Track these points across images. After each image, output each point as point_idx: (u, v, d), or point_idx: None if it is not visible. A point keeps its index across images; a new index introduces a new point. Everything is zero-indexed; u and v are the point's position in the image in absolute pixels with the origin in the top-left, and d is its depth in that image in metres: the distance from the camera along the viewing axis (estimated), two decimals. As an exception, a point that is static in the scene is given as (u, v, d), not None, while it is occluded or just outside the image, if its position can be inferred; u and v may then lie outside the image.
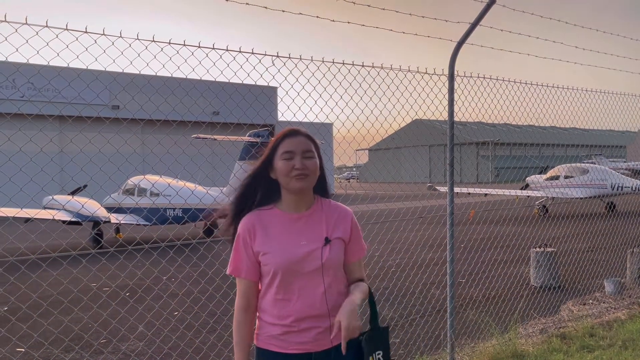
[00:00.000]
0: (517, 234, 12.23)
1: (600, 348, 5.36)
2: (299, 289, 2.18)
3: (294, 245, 2.18)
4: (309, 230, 2.23)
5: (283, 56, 4.28)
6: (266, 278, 2.21)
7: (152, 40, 3.65)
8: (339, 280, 2.27)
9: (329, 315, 2.19)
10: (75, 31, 3.37)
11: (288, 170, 2.16)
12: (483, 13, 4.77)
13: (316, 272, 2.18)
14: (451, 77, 5.03)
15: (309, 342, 2.19)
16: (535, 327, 6.24)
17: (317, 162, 2.21)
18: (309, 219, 2.25)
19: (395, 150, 59.78)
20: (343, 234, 2.28)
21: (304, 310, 2.17)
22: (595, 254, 10.53)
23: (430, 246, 11.23)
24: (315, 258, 2.18)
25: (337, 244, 2.24)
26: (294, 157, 2.16)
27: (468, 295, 7.89)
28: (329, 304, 2.19)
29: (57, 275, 5.56)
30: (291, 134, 2.21)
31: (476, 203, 19.26)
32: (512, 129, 42.31)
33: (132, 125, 26.65)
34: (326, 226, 2.25)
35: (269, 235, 2.20)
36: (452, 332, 4.95)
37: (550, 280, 8.43)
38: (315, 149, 2.24)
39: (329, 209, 2.31)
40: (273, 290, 2.19)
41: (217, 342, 5.46)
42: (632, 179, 20.65)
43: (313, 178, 2.21)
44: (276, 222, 2.23)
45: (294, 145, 2.18)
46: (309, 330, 2.18)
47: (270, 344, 2.22)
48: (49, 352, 5.74)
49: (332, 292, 2.21)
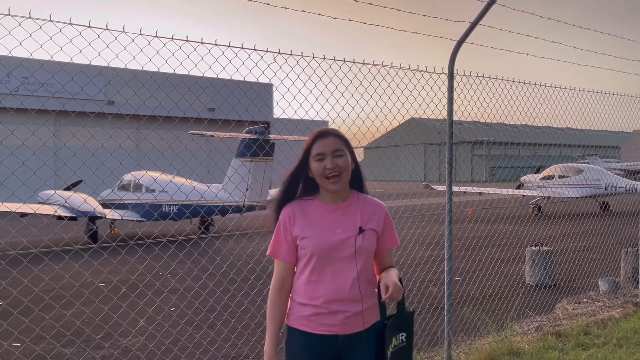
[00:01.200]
0: (512, 232, 12.30)
1: (595, 346, 5.42)
2: (332, 273, 2.36)
3: (330, 233, 2.38)
4: (344, 220, 2.42)
5: (285, 53, 4.30)
6: (302, 261, 2.41)
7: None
8: (369, 269, 2.46)
9: (360, 300, 2.38)
10: (79, 25, 3.37)
11: (321, 171, 2.36)
12: (483, 12, 4.80)
13: (349, 258, 2.37)
14: (451, 75, 5.05)
15: (337, 324, 2.36)
16: (530, 325, 6.29)
17: (348, 160, 2.40)
18: (345, 210, 2.45)
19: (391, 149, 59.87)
20: (376, 226, 2.47)
21: (335, 293, 2.35)
22: (589, 253, 10.62)
23: (427, 244, 11.28)
24: (349, 245, 2.37)
25: (370, 234, 2.43)
26: (326, 158, 2.36)
27: (465, 293, 7.95)
28: (361, 288, 2.37)
29: (59, 270, 5.54)
30: (321, 136, 2.41)
31: (473, 202, 19.36)
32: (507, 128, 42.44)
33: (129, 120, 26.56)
34: (361, 217, 2.44)
35: (308, 223, 2.40)
36: (449, 329, 4.99)
37: (546, 279, 8.50)
38: (346, 147, 2.42)
39: (365, 202, 2.51)
40: (307, 272, 2.39)
41: (217, 338, 5.48)
42: (625, 179, 20.78)
43: (346, 175, 2.40)
44: (315, 211, 2.44)
45: (324, 147, 2.37)
46: (338, 314, 2.35)
47: (300, 324, 2.39)
48: (51, 346, 5.74)
49: (362, 279, 2.40)
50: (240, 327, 5.42)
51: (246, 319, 5.85)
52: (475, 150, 58.83)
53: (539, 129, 54.55)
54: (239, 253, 8.71)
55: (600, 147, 24.09)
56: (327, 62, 4.50)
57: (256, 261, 6.45)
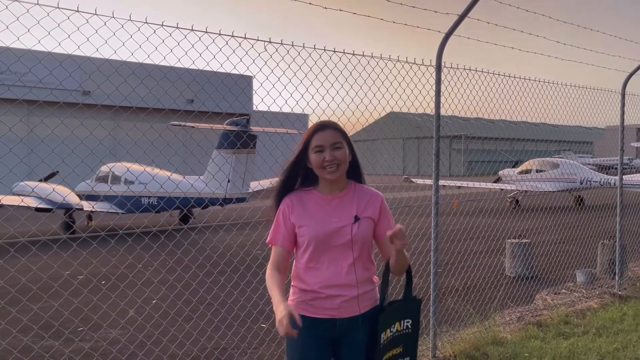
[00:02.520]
0: (491, 225, 12.48)
1: (575, 335, 5.54)
2: (329, 260, 2.47)
3: (326, 221, 2.48)
4: (341, 209, 2.52)
5: (270, 42, 4.23)
6: (301, 248, 2.52)
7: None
8: (365, 256, 2.55)
9: (356, 285, 2.47)
10: (47, 6, 3.18)
11: (320, 163, 2.45)
12: (471, 5, 4.82)
13: (345, 245, 2.47)
14: (438, 68, 5.07)
15: (334, 308, 2.47)
16: (512, 316, 6.40)
17: (346, 152, 2.49)
18: (341, 199, 2.54)
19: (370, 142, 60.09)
20: (372, 214, 2.56)
21: (332, 278, 2.46)
22: (566, 245, 10.83)
23: (415, 236, 11.35)
24: (345, 233, 2.46)
25: (366, 222, 2.52)
26: (324, 150, 2.44)
27: (449, 285, 8.03)
28: (357, 274, 2.47)
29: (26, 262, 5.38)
30: (320, 129, 2.48)
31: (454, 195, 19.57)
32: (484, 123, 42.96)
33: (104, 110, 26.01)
34: (357, 206, 2.53)
35: (306, 212, 2.51)
36: (434, 320, 5.04)
37: (525, 270, 8.64)
38: (344, 139, 2.50)
39: (362, 192, 2.60)
40: (306, 259, 2.49)
41: (207, 328, 5.43)
42: (599, 174, 21.25)
43: (344, 166, 2.49)
44: (313, 201, 2.54)
45: (322, 140, 2.45)
46: (335, 298, 2.46)
47: (300, 309, 2.46)
48: (18, 340, 5.58)
49: (359, 265, 2.49)
50: (230, 318, 5.39)
51: (236, 309, 5.82)
52: (453, 145, 59.46)
53: (516, 124, 55.39)
54: (229, 244, 8.65)
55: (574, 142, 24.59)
56: (317, 52, 4.46)
57: (246, 252, 6.41)
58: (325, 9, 4.34)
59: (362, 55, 4.76)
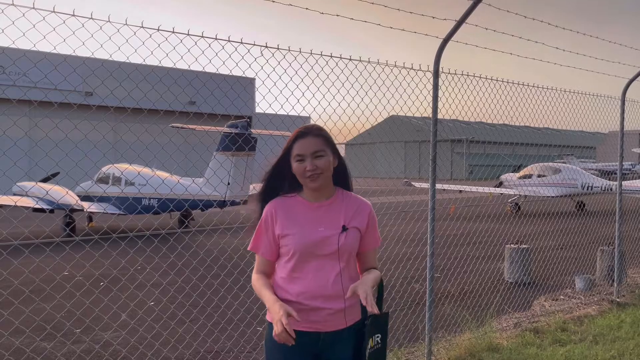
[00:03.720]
0: (491, 230, 12.45)
1: (572, 342, 5.52)
2: (314, 270, 2.36)
3: (312, 230, 2.37)
4: (327, 218, 2.41)
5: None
6: (285, 257, 2.41)
7: (125, 24, 3.52)
8: (351, 267, 2.46)
9: (343, 297, 2.35)
10: (43, 10, 3.21)
11: (302, 172, 2.36)
12: (469, 11, 4.82)
13: (332, 255, 2.37)
14: (436, 73, 5.07)
15: (319, 321, 2.36)
16: (509, 322, 6.39)
17: (328, 160, 2.37)
18: (328, 208, 2.44)
19: (370, 146, 60.04)
20: (360, 224, 2.45)
21: (317, 289, 2.34)
22: (566, 251, 10.80)
23: (411, 241, 11.34)
24: (332, 243, 2.37)
25: (353, 233, 2.42)
26: (305, 159, 2.34)
27: (446, 290, 8.01)
28: (343, 285, 2.36)
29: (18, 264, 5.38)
30: (301, 136, 2.37)
31: (455, 199, 19.54)
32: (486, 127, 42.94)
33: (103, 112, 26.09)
34: (344, 216, 2.43)
35: (290, 220, 2.40)
36: (430, 325, 5.02)
37: (524, 276, 8.62)
38: (328, 145, 2.39)
39: (349, 200, 2.50)
40: (290, 269, 2.38)
41: (200, 332, 5.43)
42: (601, 179, 21.21)
43: (326, 175, 2.39)
44: (298, 208, 2.43)
45: (303, 148, 2.35)
46: (320, 311, 2.35)
47: None
48: (9, 342, 5.57)
49: (345, 276, 2.39)
50: (223, 322, 5.39)
51: (229, 313, 5.81)
52: (455, 149, 59.44)
53: (518, 128, 55.30)
54: (223, 247, 8.65)
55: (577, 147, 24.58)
56: (313, 57, 4.47)
57: (240, 256, 6.40)
58: (322, 14, 4.35)
59: (359, 60, 4.76)
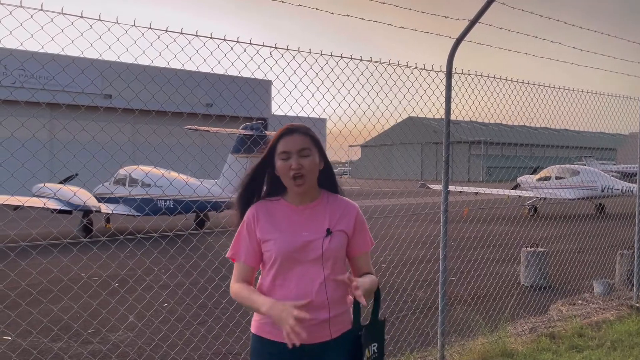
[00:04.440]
0: (507, 233, 12.29)
1: (589, 348, 5.40)
2: (297, 277, 2.22)
3: (295, 235, 2.24)
4: (311, 221, 2.29)
5: (281, 48, 4.25)
6: (267, 264, 2.28)
7: (149, 28, 3.61)
8: (338, 273, 2.28)
9: (327, 306, 2.23)
10: (71, 15, 3.31)
11: (286, 171, 2.22)
12: (483, 10, 4.75)
13: (316, 261, 2.23)
14: (449, 74, 5.01)
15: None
16: (524, 326, 6.27)
17: (314, 160, 2.25)
18: (312, 211, 2.31)
19: (387, 147, 59.83)
20: (346, 227, 2.33)
21: (300, 297, 2.17)
22: (584, 255, 10.60)
23: (422, 243, 11.24)
24: (316, 248, 2.23)
25: (339, 236, 2.29)
26: (291, 157, 2.21)
27: (459, 294, 7.91)
28: (328, 294, 2.23)
29: (47, 264, 5.47)
30: (287, 133, 2.25)
31: (469, 201, 19.35)
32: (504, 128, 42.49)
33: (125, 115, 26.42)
34: (329, 219, 2.30)
35: (272, 224, 2.27)
36: (442, 329, 4.96)
37: (540, 280, 8.48)
38: (315, 145, 2.27)
39: (335, 202, 2.37)
40: (272, 276, 2.26)
41: (208, 335, 5.43)
42: (621, 181, 20.81)
43: (311, 177, 2.26)
44: (281, 212, 2.30)
45: (289, 145, 2.22)
46: (303, 321, 2.14)
47: (264, 331, 2.27)
48: (37, 340, 5.68)
49: (330, 284, 2.24)
50: (231, 324, 5.38)
51: (237, 316, 5.80)
52: (473, 150, 58.92)
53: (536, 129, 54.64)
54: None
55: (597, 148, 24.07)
56: (323, 57, 4.45)
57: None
58: (332, 14, 4.32)
59: (370, 61, 4.73)
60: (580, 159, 35.46)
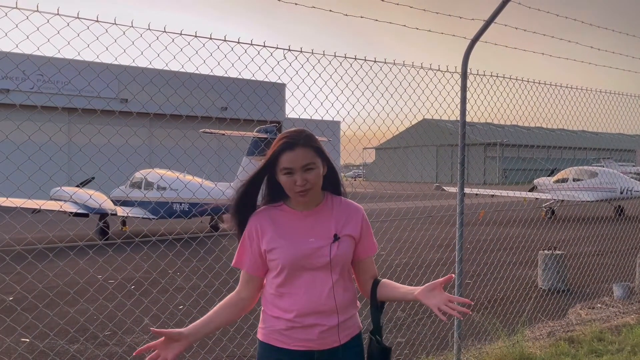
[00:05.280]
0: (524, 236, 12.14)
1: (609, 353, 5.30)
2: (305, 284, 2.18)
3: (302, 242, 2.19)
4: (317, 227, 2.23)
5: (294, 50, 4.25)
6: (273, 272, 2.22)
7: (164, 31, 3.63)
8: (346, 278, 2.27)
9: (336, 312, 2.20)
10: (87, 19, 3.34)
11: (291, 186, 2.15)
12: (498, 10, 4.70)
13: (324, 268, 2.19)
14: (464, 74, 4.97)
15: (313, 339, 2.18)
16: (542, 330, 6.18)
17: (319, 171, 2.18)
18: (317, 216, 2.25)
19: (402, 150, 59.60)
20: (353, 231, 2.27)
21: (310, 305, 2.16)
22: (603, 257, 10.43)
23: (438, 246, 11.16)
24: (323, 254, 2.18)
25: (346, 241, 2.24)
26: (295, 174, 2.13)
27: (475, 297, 7.83)
28: (336, 299, 2.20)
29: (63, 266, 5.53)
30: (289, 147, 2.13)
31: (485, 204, 19.16)
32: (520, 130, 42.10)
33: (140, 118, 26.71)
34: (335, 223, 2.24)
35: (278, 232, 2.21)
36: (458, 333, 4.90)
37: (558, 283, 8.35)
38: (318, 154, 2.19)
39: (340, 206, 2.30)
40: (279, 283, 2.20)
41: (223, 337, 5.44)
42: (641, 183, 20.45)
43: (316, 188, 2.20)
44: (285, 218, 2.24)
45: (292, 162, 2.12)
46: (313, 328, 2.17)
47: (272, 339, 2.22)
48: (54, 342, 5.74)
49: (338, 290, 2.21)
50: (245, 327, 5.37)
51: (252, 318, 5.79)
52: (488, 152, 58.44)
53: (553, 131, 54.06)
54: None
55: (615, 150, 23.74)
56: (337, 59, 4.43)
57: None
58: (345, 15, 4.31)
59: (384, 62, 4.70)
60: (598, 161, 34.96)
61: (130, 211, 15.51)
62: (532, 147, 54.49)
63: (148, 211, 15.46)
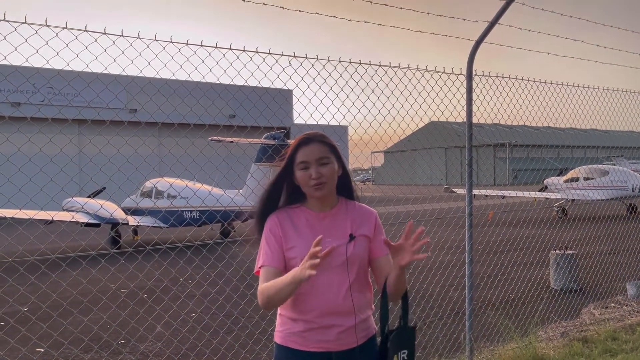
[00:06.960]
0: (536, 236, 12.06)
1: (623, 352, 5.25)
2: (323, 285, 2.20)
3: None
4: (334, 228, 2.29)
5: (300, 56, 4.28)
6: None
7: (170, 41, 3.68)
8: (362, 278, 2.30)
9: (354, 312, 2.23)
10: (94, 32, 3.40)
11: (306, 180, 2.24)
12: (502, 11, 4.71)
13: (341, 267, 2.22)
14: (469, 76, 4.97)
15: (331, 340, 2.20)
16: (556, 331, 6.13)
17: (333, 167, 2.27)
18: (333, 217, 2.32)
19: (411, 153, 59.48)
20: (368, 232, 2.34)
21: (328, 305, 2.19)
22: (616, 256, 10.34)
23: (448, 248, 11.11)
24: (340, 254, 2.22)
25: (362, 241, 2.30)
26: (310, 167, 2.23)
27: (487, 298, 7.79)
28: (354, 300, 2.22)
29: (76, 276, 5.59)
30: (305, 143, 2.27)
31: (494, 205, 19.08)
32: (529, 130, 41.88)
33: (149, 128, 26.90)
34: (351, 224, 2.31)
35: (296, 232, 2.27)
36: (470, 335, 4.88)
37: (571, 283, 8.29)
38: (333, 152, 2.29)
39: (354, 209, 2.38)
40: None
41: (235, 343, 5.46)
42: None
43: (331, 183, 2.28)
44: (303, 219, 2.31)
45: (308, 155, 2.24)
46: (331, 329, 2.20)
47: (290, 341, 2.24)
48: (69, 351, 5.79)
49: (355, 289, 2.25)
50: (257, 333, 5.40)
51: (263, 324, 5.82)
52: (498, 153, 58.17)
53: (562, 130, 53.69)
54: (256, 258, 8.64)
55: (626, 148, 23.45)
56: (342, 64, 4.46)
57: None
58: (349, 21, 4.34)
59: (389, 66, 4.72)
60: (609, 159, 34.65)
61: (141, 220, 15.61)
62: (542, 147, 54.15)
63: (159, 220, 15.55)
